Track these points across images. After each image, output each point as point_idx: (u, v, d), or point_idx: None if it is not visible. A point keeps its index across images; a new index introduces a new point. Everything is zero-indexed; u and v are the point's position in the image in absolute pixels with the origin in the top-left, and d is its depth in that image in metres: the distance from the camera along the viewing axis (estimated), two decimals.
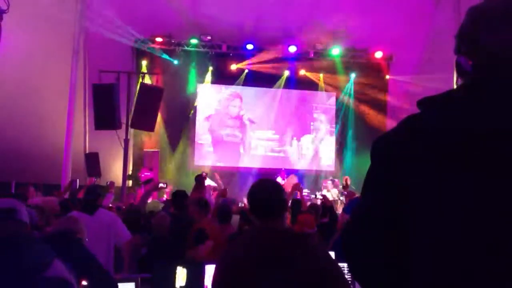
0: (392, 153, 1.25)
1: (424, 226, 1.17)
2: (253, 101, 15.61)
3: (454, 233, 1.12)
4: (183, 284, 3.27)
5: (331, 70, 15.44)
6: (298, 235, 2.58)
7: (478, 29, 1.27)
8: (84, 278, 2.67)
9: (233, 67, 15.06)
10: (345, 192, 11.97)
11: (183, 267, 3.26)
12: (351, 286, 2.60)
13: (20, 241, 2.40)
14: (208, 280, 3.23)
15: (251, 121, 15.44)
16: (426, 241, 1.16)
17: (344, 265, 3.43)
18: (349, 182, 13.06)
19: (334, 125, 15.84)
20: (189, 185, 10.14)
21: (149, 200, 8.12)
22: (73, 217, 3.78)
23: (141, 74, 13.28)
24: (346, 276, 2.58)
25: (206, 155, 15.09)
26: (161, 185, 9.56)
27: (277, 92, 15.67)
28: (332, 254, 3.57)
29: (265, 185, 2.64)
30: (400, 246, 1.22)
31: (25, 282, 2.27)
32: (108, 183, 10.46)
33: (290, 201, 7.82)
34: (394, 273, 1.26)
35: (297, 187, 7.56)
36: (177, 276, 3.28)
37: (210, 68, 14.95)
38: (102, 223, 4.82)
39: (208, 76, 15.11)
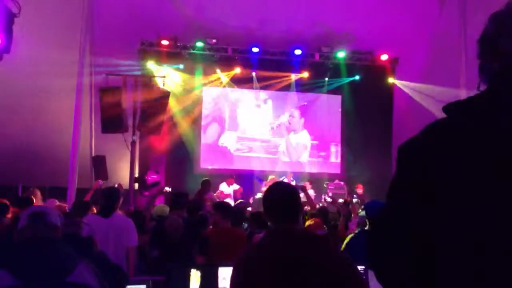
0: (423, 157, 1.26)
1: (456, 223, 1.19)
2: (257, 103, 15.62)
3: (488, 227, 1.14)
4: (197, 287, 3.28)
5: (336, 72, 15.44)
6: (316, 237, 2.58)
7: (500, 35, 1.28)
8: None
9: (238, 70, 15.06)
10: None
11: (197, 269, 3.26)
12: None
13: (48, 244, 2.45)
14: (222, 282, 3.25)
15: (256, 127, 15.47)
16: (457, 239, 1.18)
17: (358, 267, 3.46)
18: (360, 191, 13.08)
19: (339, 128, 15.83)
20: (194, 189, 10.19)
21: (157, 204, 8.15)
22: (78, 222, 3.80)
23: (147, 77, 13.29)
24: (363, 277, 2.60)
25: (213, 158, 15.10)
26: (166, 189, 9.61)
27: (282, 95, 15.68)
28: None
29: (280, 189, 2.66)
30: (427, 247, 1.24)
31: (49, 284, 2.30)
32: (117, 185, 10.45)
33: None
34: (421, 275, 1.27)
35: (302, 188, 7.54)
36: (191, 279, 3.28)
37: (216, 71, 14.95)
38: (117, 227, 4.87)
39: (214, 79, 15.12)
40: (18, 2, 4.85)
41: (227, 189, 12.83)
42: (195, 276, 3.29)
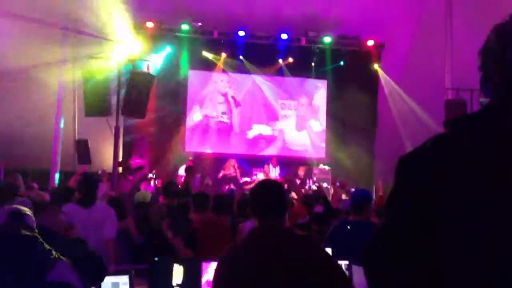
0: (427, 174, 1.23)
1: (461, 247, 1.17)
2: (244, 87, 15.55)
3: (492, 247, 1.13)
4: (180, 281, 3.27)
5: (322, 57, 15.40)
6: (299, 236, 2.59)
7: (505, 46, 1.26)
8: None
9: (224, 54, 14.96)
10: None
11: (180, 264, 3.25)
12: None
13: (26, 241, 2.43)
14: (205, 277, 3.24)
15: (235, 101, 15.38)
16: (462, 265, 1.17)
17: (341, 262, 3.47)
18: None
19: (324, 113, 15.85)
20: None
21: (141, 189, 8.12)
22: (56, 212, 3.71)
23: (131, 60, 13.11)
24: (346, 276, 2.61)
25: (198, 141, 15.06)
26: (150, 175, 9.57)
27: (268, 78, 15.63)
28: (329, 250, 3.57)
29: (266, 186, 2.67)
30: (430, 260, 1.22)
31: (27, 283, 2.29)
32: (100, 172, 10.38)
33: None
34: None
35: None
36: (173, 273, 3.27)
37: (202, 54, 14.82)
38: (97, 219, 4.80)
39: (199, 62, 14.99)
40: None
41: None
42: (178, 270, 3.28)
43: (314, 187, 12.07)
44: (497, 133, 1.18)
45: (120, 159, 12.54)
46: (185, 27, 14.20)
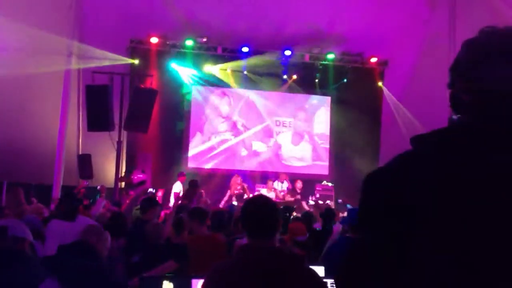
0: (391, 193, 1.20)
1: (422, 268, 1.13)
2: (247, 104, 15.55)
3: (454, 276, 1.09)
4: None
5: (326, 74, 15.40)
6: (288, 255, 2.54)
7: (477, 64, 1.22)
8: None
9: (228, 69, 14.99)
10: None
11: (170, 281, 3.20)
12: None
13: (12, 259, 2.41)
14: None
15: (244, 127, 15.40)
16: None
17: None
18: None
19: (328, 129, 15.80)
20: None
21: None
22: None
23: (135, 75, 13.18)
24: None
25: (200, 158, 15.02)
26: (150, 190, 9.52)
27: (273, 95, 15.64)
28: (322, 268, 3.51)
29: (257, 204, 2.61)
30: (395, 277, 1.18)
31: None
32: (99, 187, 10.35)
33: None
34: None
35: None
36: None
37: (206, 70, 14.85)
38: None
39: (203, 78, 15.01)
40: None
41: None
42: (167, 287, 3.22)
43: (311, 202, 12.00)
44: (465, 153, 1.13)
45: (122, 174, 12.54)
46: (189, 42, 14.26)
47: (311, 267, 2.72)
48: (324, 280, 2.69)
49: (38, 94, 11.82)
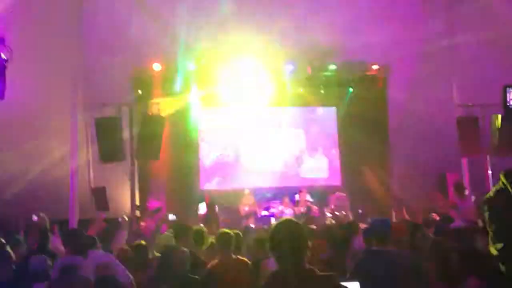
0: None
1: None
2: (251, 120, 15.60)
3: None
4: None
5: (329, 85, 15.44)
6: (320, 276, 2.58)
7: None
8: None
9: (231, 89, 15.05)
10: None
11: None
12: None
13: None
14: None
15: (253, 143, 15.46)
16: None
17: None
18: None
19: (336, 140, 15.80)
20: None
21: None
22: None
23: (141, 104, 13.27)
24: None
25: (212, 179, 15.05)
26: (171, 216, 9.54)
27: (278, 110, 15.70)
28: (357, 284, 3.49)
29: (286, 227, 2.66)
30: None
31: None
32: (121, 219, 10.33)
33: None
34: None
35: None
36: None
37: (211, 91, 14.91)
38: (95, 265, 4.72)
39: (208, 100, 15.09)
40: (9, 47, 4.84)
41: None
42: None
43: (329, 214, 11.94)
44: None
45: (138, 203, 12.57)
46: (192, 66, 14.35)
47: (345, 284, 2.76)
48: None
49: (48, 132, 11.89)
